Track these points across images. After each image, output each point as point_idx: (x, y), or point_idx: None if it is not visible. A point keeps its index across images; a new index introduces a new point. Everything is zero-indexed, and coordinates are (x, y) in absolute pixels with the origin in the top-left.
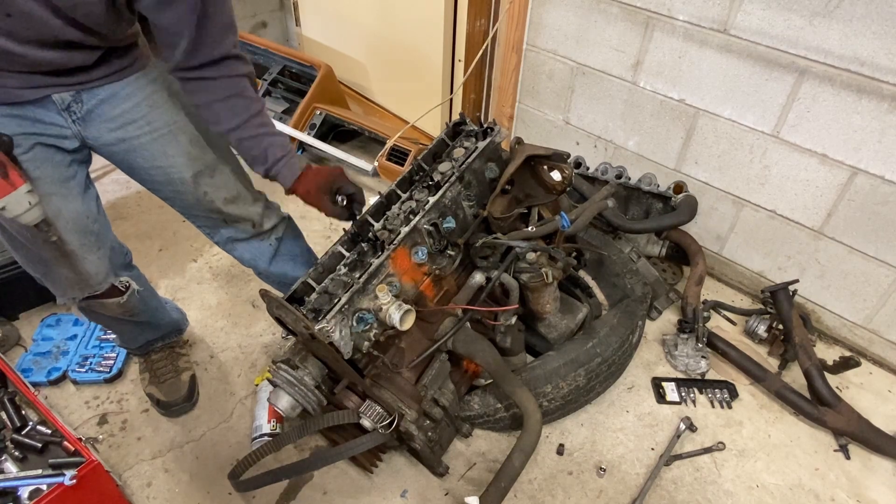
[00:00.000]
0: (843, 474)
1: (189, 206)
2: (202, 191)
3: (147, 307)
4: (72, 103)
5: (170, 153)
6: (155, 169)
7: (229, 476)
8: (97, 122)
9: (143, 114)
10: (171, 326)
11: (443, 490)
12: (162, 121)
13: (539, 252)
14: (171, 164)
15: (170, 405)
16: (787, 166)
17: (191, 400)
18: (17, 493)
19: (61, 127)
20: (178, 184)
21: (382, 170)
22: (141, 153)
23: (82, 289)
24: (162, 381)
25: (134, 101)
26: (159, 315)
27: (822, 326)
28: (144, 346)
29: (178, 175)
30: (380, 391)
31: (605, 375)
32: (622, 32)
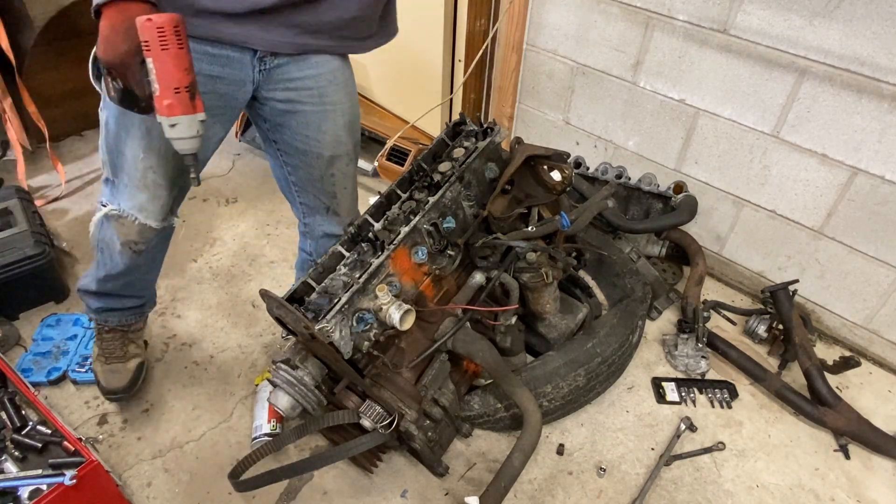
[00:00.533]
0: (843, 474)
1: (311, 179)
2: (330, 172)
3: (155, 254)
4: (266, 56)
5: (323, 129)
6: (301, 136)
7: (229, 476)
8: (278, 77)
9: (320, 86)
10: (134, 303)
11: (443, 490)
12: (331, 98)
13: (539, 252)
14: (317, 139)
15: (107, 391)
16: (787, 166)
17: (131, 390)
18: (17, 493)
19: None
20: (314, 158)
21: (382, 170)
22: (298, 118)
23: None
24: (107, 362)
25: (316, 72)
26: (148, 272)
27: (822, 326)
28: (101, 312)
29: (318, 150)
30: (380, 391)
31: (605, 375)
32: (622, 32)
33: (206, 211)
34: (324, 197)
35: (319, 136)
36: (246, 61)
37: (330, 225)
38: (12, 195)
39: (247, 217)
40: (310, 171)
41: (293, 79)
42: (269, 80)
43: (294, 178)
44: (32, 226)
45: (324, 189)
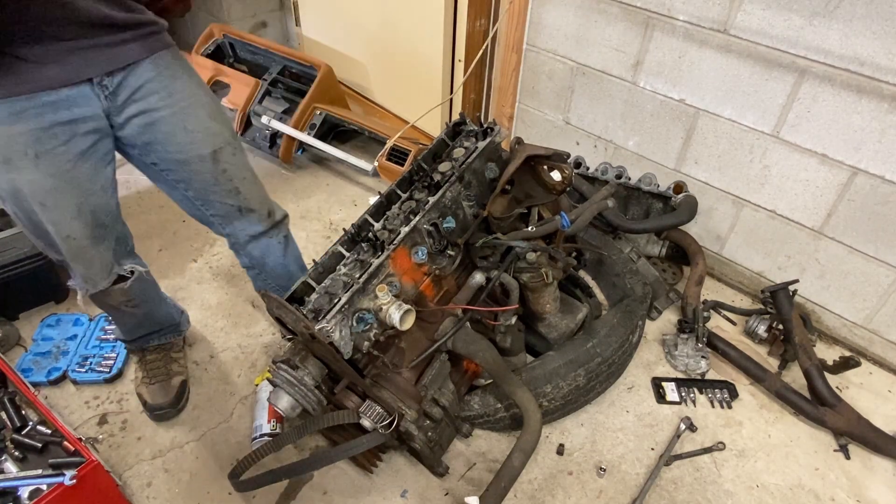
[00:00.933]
0: (843, 474)
1: (206, 186)
2: (221, 168)
3: (148, 297)
4: (104, 78)
5: (189, 128)
6: (173, 145)
7: (229, 476)
8: (123, 94)
9: (165, 84)
10: (168, 322)
11: (443, 490)
12: (182, 93)
13: (539, 252)
14: (190, 140)
15: (154, 408)
16: (787, 166)
17: (177, 406)
18: (17, 493)
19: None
20: (197, 161)
21: (382, 170)
22: (161, 127)
23: (95, 283)
24: (152, 382)
25: (155, 72)
26: (159, 307)
27: (822, 326)
28: (141, 341)
29: (197, 151)
30: (380, 391)
31: (605, 375)
32: (622, 32)
33: None
34: (229, 199)
35: (189, 135)
36: (87, 93)
37: (250, 225)
38: None
39: None
40: (202, 178)
41: (137, 88)
42: (117, 100)
43: (191, 192)
44: None
45: (223, 189)
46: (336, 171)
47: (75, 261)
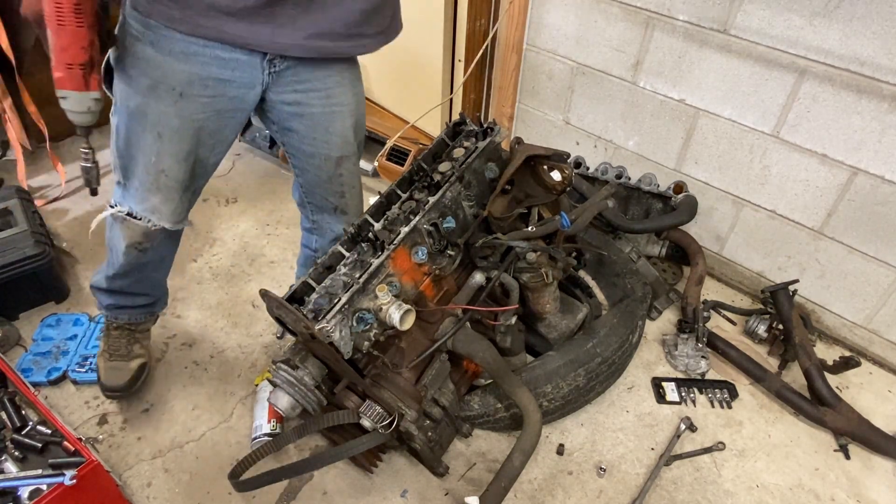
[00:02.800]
0: (843, 474)
1: (319, 182)
2: (339, 172)
3: (161, 253)
4: (276, 58)
5: (331, 130)
6: (309, 139)
7: (229, 476)
8: (286, 79)
9: (328, 87)
10: (145, 301)
11: (443, 490)
12: (339, 99)
13: (539, 252)
14: (326, 141)
15: (106, 388)
16: (787, 166)
17: (129, 389)
18: (17, 493)
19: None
20: (322, 160)
21: (382, 170)
22: (306, 121)
23: (160, 218)
24: (111, 358)
25: (325, 73)
26: (157, 272)
27: (822, 326)
28: (113, 309)
29: (326, 152)
30: (380, 391)
31: (605, 375)
32: (622, 32)
33: (206, 211)
34: (332, 197)
35: (327, 137)
36: (255, 64)
37: (338, 224)
38: (12, 195)
39: (247, 217)
40: (318, 174)
41: (302, 80)
42: (278, 82)
43: (302, 179)
44: (32, 226)
45: (332, 189)
46: None
47: (154, 193)
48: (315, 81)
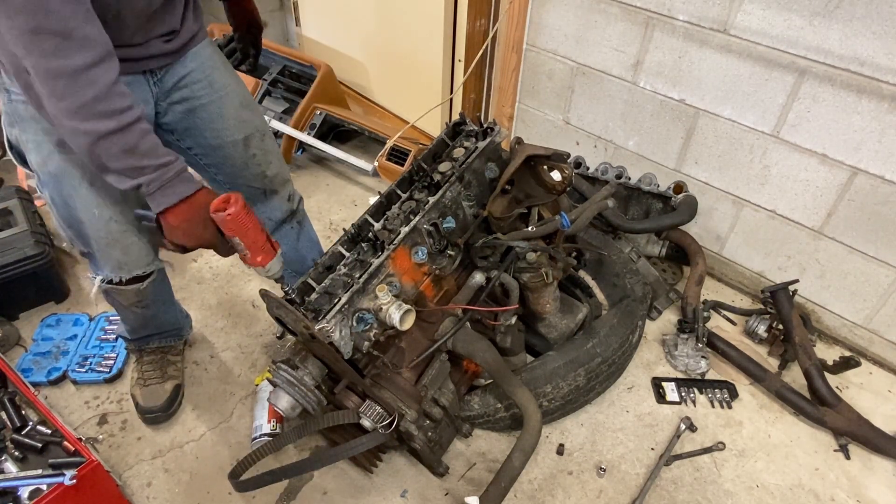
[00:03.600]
0: (843, 474)
1: (236, 170)
2: (251, 153)
3: (159, 298)
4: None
5: (225, 114)
6: (210, 130)
7: (229, 476)
8: (170, 83)
9: (206, 74)
10: (171, 326)
11: (443, 490)
12: (220, 83)
13: (539, 252)
14: (225, 126)
15: (145, 411)
16: (787, 166)
17: (168, 410)
18: (17, 493)
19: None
20: (230, 147)
21: (382, 170)
22: (200, 114)
23: (129, 269)
24: (146, 384)
25: (199, 61)
26: (168, 310)
27: (822, 326)
28: (141, 341)
29: (231, 137)
30: (380, 391)
31: (605, 375)
32: (622, 32)
33: None
34: (255, 182)
35: (224, 122)
36: (141, 81)
37: (272, 210)
38: (12, 195)
39: None
40: (233, 162)
41: (182, 77)
42: (164, 88)
43: (221, 176)
44: (32, 226)
45: (252, 173)
46: (336, 171)
47: (112, 246)
48: (193, 73)
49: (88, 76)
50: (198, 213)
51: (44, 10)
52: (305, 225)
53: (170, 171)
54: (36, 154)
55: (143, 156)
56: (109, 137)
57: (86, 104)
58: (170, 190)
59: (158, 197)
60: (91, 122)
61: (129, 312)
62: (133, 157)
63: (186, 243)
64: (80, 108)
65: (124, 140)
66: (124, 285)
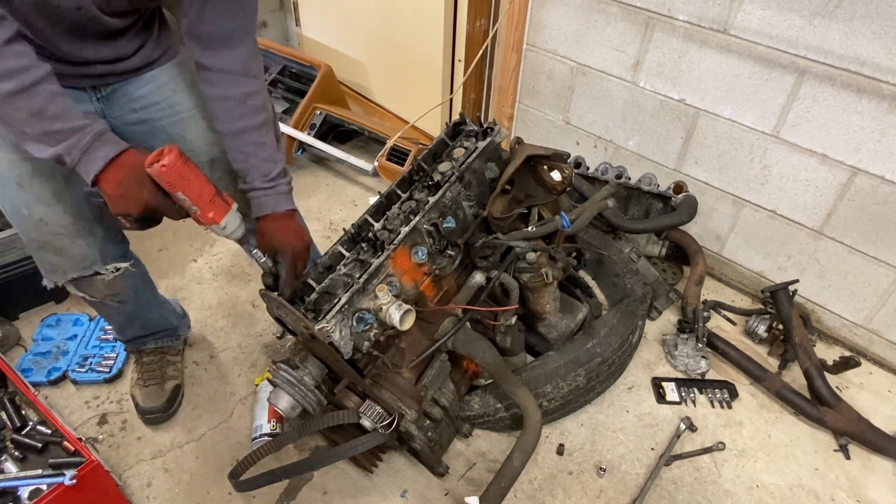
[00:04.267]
0: (843, 474)
1: None
2: (217, 176)
3: (137, 295)
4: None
5: (188, 137)
6: None
7: (229, 476)
8: (121, 101)
9: (166, 97)
10: (162, 325)
11: (443, 490)
12: (183, 105)
13: (539, 252)
14: (189, 149)
15: (145, 411)
16: (787, 166)
17: (167, 411)
18: (17, 493)
19: (90, 106)
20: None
21: (382, 170)
22: (160, 136)
23: (65, 273)
24: (145, 384)
25: (157, 84)
26: (152, 309)
27: (822, 326)
28: (135, 342)
29: (195, 159)
30: (380, 391)
31: (605, 375)
32: (622, 32)
33: None
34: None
35: (189, 145)
36: (82, 96)
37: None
38: None
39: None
40: None
41: (135, 98)
42: (112, 105)
43: None
44: None
45: None
46: (336, 171)
47: (43, 249)
48: (150, 96)
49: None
50: (130, 172)
51: None
52: None
53: (86, 134)
54: None
55: (53, 119)
56: (12, 100)
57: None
58: (93, 155)
59: (83, 165)
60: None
61: (105, 307)
62: (43, 120)
63: (130, 210)
64: None
65: (30, 102)
66: (87, 278)
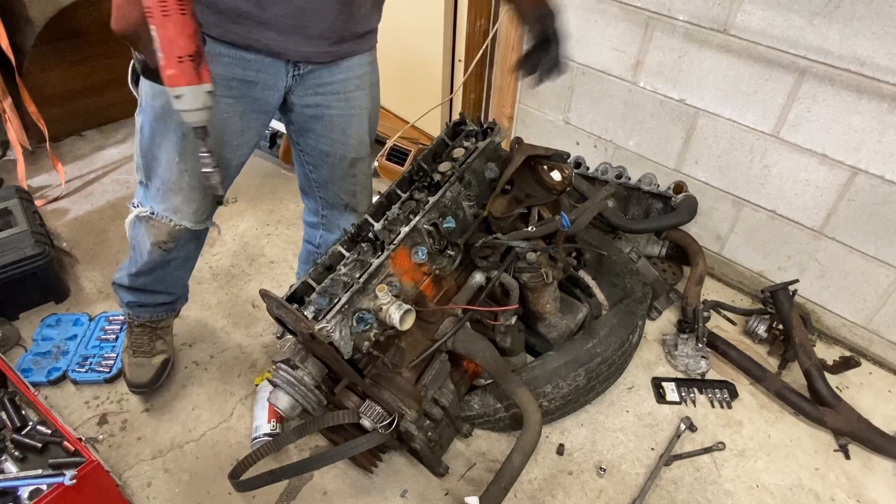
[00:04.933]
0: (843, 474)
1: (333, 179)
2: (353, 173)
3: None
4: (300, 62)
5: (348, 132)
6: (326, 139)
7: (229, 476)
8: (310, 82)
9: (348, 90)
10: (173, 291)
11: (443, 490)
12: (358, 103)
13: (539, 252)
14: (342, 142)
15: (131, 384)
16: (787, 166)
17: (153, 385)
18: (17, 493)
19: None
20: (337, 160)
21: (382, 170)
22: (324, 122)
23: (181, 218)
24: (134, 355)
25: (346, 76)
26: (181, 273)
27: (822, 326)
28: (133, 307)
29: (342, 153)
30: (380, 391)
31: (605, 375)
32: (622, 32)
33: None
34: (344, 195)
35: (344, 139)
36: (280, 66)
37: (347, 221)
38: (12, 195)
39: (247, 217)
40: (332, 172)
41: (324, 83)
42: (301, 85)
43: (315, 175)
44: (32, 226)
45: (345, 188)
46: None
47: (176, 193)
48: (336, 84)
49: None
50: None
51: None
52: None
53: None
54: (151, 83)
55: None
56: None
57: None
58: None
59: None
60: None
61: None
62: None
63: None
64: None
65: None
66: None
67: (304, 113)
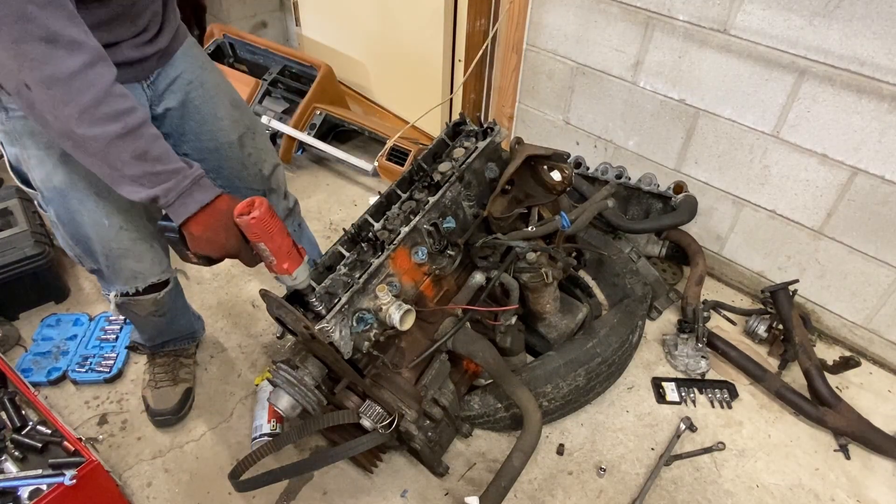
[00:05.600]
0: (843, 474)
1: (235, 172)
2: (247, 152)
3: (175, 305)
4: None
5: (218, 115)
6: (205, 133)
7: (229, 476)
8: (163, 85)
9: (197, 74)
10: (186, 330)
11: (443, 490)
12: (211, 82)
13: (539, 252)
14: (219, 127)
15: (155, 413)
16: (787, 166)
17: (178, 413)
18: (17, 493)
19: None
20: (226, 148)
21: (382, 170)
22: (194, 116)
23: (145, 278)
24: (157, 386)
25: (187, 63)
26: (183, 315)
27: (822, 326)
28: (157, 346)
29: (226, 138)
30: (380, 391)
31: (605, 375)
32: (622, 32)
33: None
34: (255, 183)
35: (219, 123)
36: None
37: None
38: (12, 195)
39: None
40: (230, 164)
41: (174, 79)
42: (156, 91)
43: (220, 180)
44: (32, 226)
45: (250, 174)
46: (336, 171)
47: (124, 256)
48: (184, 74)
49: (85, 79)
50: (220, 220)
51: (24, 17)
52: (304, 225)
53: (186, 178)
54: (39, 170)
55: (155, 161)
56: (118, 142)
57: (87, 108)
58: (189, 198)
59: (177, 207)
60: (97, 126)
61: (146, 323)
62: (146, 162)
63: (211, 253)
64: (82, 114)
65: (134, 144)
66: (141, 295)
67: (174, 115)
